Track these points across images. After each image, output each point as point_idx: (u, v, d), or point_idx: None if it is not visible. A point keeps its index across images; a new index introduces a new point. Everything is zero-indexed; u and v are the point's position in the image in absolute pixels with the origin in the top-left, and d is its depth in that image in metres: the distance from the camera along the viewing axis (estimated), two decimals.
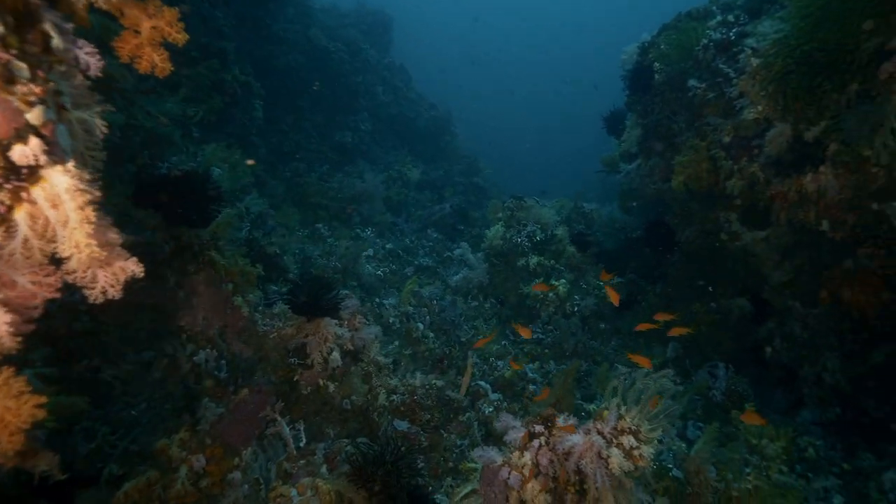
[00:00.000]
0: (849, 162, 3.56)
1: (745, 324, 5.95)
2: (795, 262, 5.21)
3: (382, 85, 13.94)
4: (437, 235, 9.73)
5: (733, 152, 4.41)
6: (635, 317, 6.77)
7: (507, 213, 7.34)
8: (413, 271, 7.98)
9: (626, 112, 6.35)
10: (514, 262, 6.91)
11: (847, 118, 3.29)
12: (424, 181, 12.34)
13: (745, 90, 3.93)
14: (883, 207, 3.72)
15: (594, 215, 8.30)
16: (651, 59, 5.56)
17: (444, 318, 5.83)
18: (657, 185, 5.73)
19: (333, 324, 4.06)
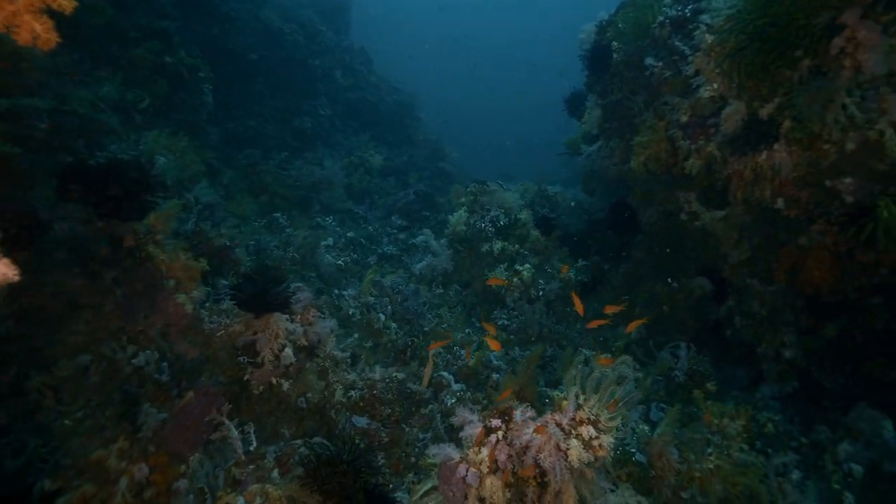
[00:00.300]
0: (802, 139, 3.54)
1: (706, 303, 6.01)
2: (753, 240, 5.25)
3: (342, 68, 13.52)
4: (401, 222, 9.52)
5: (691, 132, 4.36)
6: (600, 299, 6.78)
7: (471, 198, 7.20)
8: (376, 260, 7.78)
9: (587, 93, 6.25)
10: (478, 248, 6.79)
11: (799, 94, 3.25)
12: (388, 167, 12.06)
13: (700, 68, 3.86)
14: (835, 184, 3.73)
15: (558, 198, 8.25)
16: (609, 38, 5.46)
17: (406, 308, 5.68)
18: (618, 166, 5.68)
19: (284, 319, 3.85)
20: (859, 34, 2.92)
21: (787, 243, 4.69)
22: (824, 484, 3.78)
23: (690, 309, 5.96)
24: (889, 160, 3.36)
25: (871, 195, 3.62)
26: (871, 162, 3.50)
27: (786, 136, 3.62)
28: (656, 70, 4.58)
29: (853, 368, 5.89)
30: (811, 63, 3.22)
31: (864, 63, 2.98)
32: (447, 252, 6.81)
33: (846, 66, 3.06)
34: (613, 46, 5.38)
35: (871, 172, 3.56)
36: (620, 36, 5.23)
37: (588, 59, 5.71)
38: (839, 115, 3.18)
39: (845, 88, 3.10)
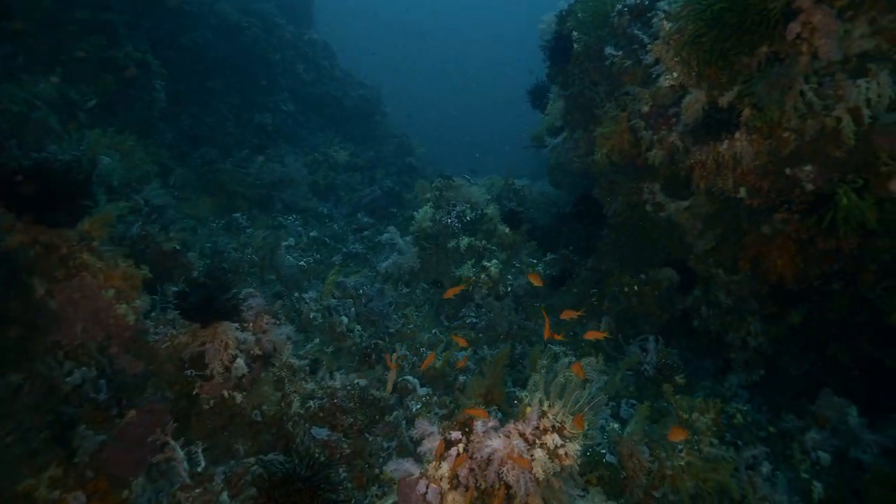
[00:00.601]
0: (762, 127, 3.48)
1: (673, 293, 6.00)
2: (716, 230, 5.24)
3: (304, 63, 13.14)
4: (368, 220, 9.29)
5: (652, 122, 4.29)
6: (569, 293, 6.72)
7: (436, 193, 7.03)
8: (341, 259, 7.55)
9: (549, 84, 6.15)
10: (444, 245, 6.64)
11: (758, 82, 3.18)
12: (354, 163, 11.79)
13: (659, 56, 3.77)
14: (795, 172, 3.70)
15: (526, 192, 8.15)
16: (569, 28, 5.35)
17: (371, 309, 5.49)
18: (582, 158, 5.59)
19: (234, 328, 3.62)
20: (815, 19, 2.86)
21: (751, 232, 4.68)
22: (793, 474, 3.77)
23: (658, 300, 5.94)
24: (846, 147, 3.34)
25: (831, 183, 3.60)
26: (829, 149, 3.47)
27: (746, 125, 3.56)
28: (616, 59, 4.48)
29: (817, 354, 5.97)
30: (769, 49, 3.15)
31: (821, 48, 2.93)
32: (413, 249, 6.64)
33: (803, 51, 3.00)
34: (573, 36, 5.28)
35: (829, 160, 3.53)
36: (580, 25, 5.13)
37: (549, 50, 5.60)
38: (798, 103, 3.13)
39: (803, 75, 3.04)
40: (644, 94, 4.31)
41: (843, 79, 3.19)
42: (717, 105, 3.54)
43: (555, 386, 2.47)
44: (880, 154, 3.29)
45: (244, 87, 11.52)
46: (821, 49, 2.91)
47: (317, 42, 14.08)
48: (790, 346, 5.91)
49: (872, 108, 3.19)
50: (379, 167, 12.17)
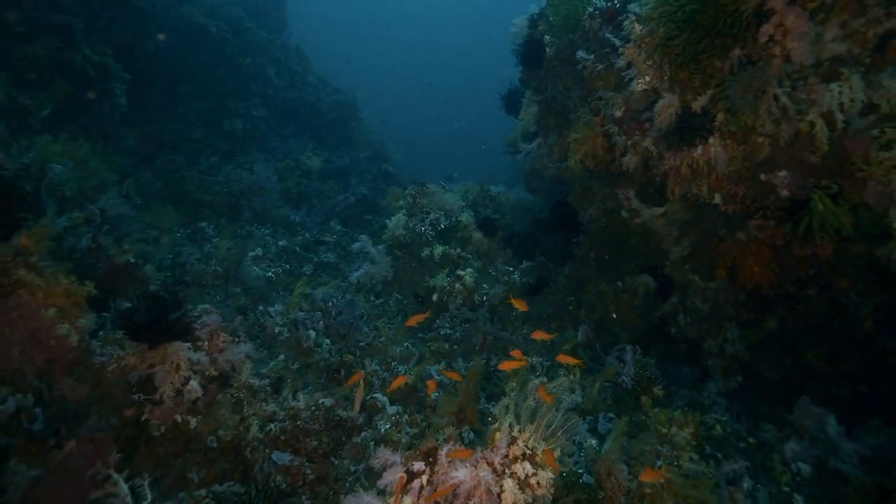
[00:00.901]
0: (736, 132, 3.40)
1: (650, 300, 5.91)
2: (692, 236, 5.18)
3: (276, 67, 12.86)
4: (341, 228, 9.06)
5: (626, 127, 4.18)
6: (546, 301, 6.59)
7: (409, 200, 6.85)
8: (312, 269, 7.30)
9: (523, 89, 6.04)
10: (418, 254, 6.45)
11: (731, 85, 3.09)
12: (328, 170, 11.55)
13: (631, 60, 3.67)
14: (770, 178, 3.63)
15: (502, 198, 8.03)
16: (541, 32, 5.25)
17: (341, 322, 5.26)
18: (556, 164, 5.48)
19: (186, 347, 3.38)
20: (787, 21, 2.77)
21: (726, 239, 4.61)
22: (774, 487, 3.67)
23: (636, 308, 5.85)
24: (820, 152, 3.27)
25: (805, 188, 3.53)
26: (803, 154, 3.40)
27: (720, 130, 3.48)
28: (588, 64, 4.38)
29: (793, 360, 5.95)
30: (742, 52, 3.07)
31: (794, 51, 2.85)
32: (386, 259, 6.44)
33: (776, 54, 2.92)
34: (545, 40, 5.17)
35: (803, 165, 3.47)
36: (552, 29, 5.03)
37: (521, 54, 5.48)
38: (772, 107, 3.04)
39: (776, 78, 2.96)
40: (617, 99, 4.21)
41: (816, 83, 3.12)
42: (691, 110, 3.45)
43: (525, 409, 2.30)
44: (854, 159, 3.23)
45: (213, 92, 11.20)
46: (794, 52, 2.83)
47: (289, 47, 13.81)
48: (767, 353, 5.88)
49: (845, 113, 3.12)
50: (354, 174, 11.95)
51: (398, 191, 6.88)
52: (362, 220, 9.68)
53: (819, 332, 5.70)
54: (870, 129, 3.17)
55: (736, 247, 4.52)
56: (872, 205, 3.30)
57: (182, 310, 3.28)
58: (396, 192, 6.87)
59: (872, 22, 3.03)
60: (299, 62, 13.98)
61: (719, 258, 4.68)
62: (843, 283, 4.96)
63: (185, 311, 3.30)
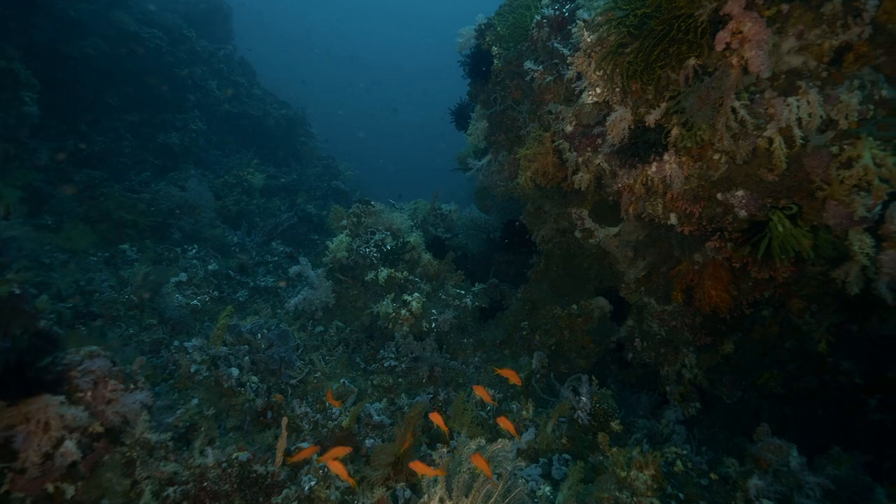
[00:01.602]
0: (692, 148, 3.15)
1: (606, 324, 5.65)
2: (648, 258, 4.96)
3: (218, 79, 12.20)
4: (283, 249, 8.46)
5: (577, 142, 3.91)
6: (499, 326, 6.23)
7: (353, 219, 6.39)
8: (247, 295, 6.69)
9: (472, 103, 5.74)
10: (362, 277, 5.98)
11: (687, 97, 2.83)
12: (273, 186, 10.93)
13: (581, 70, 3.40)
14: (727, 197, 3.40)
15: (453, 217, 7.68)
16: (488, 42, 4.97)
17: (271, 356, 4.71)
18: (507, 182, 5.17)
19: (58, 402, 2.78)
20: (745, 27, 2.54)
21: (683, 260, 4.39)
22: None
23: (591, 332, 5.56)
24: (778, 171, 3.06)
25: (764, 209, 3.32)
26: (761, 173, 3.18)
27: (675, 146, 3.22)
28: (537, 75, 4.10)
29: (749, 382, 5.81)
30: (697, 62, 2.82)
31: (751, 61, 2.62)
32: (326, 283, 5.93)
33: (733, 64, 2.68)
34: (493, 51, 4.89)
35: (761, 184, 3.25)
36: (499, 39, 4.75)
37: (469, 66, 5.19)
38: (730, 121, 2.80)
39: (734, 90, 2.72)
40: (567, 113, 3.93)
41: (774, 97, 2.91)
42: (644, 124, 3.18)
43: (458, 482, 1.88)
44: (813, 178, 3.03)
45: (146, 103, 10.44)
46: (751, 61, 2.60)
47: (233, 59, 13.18)
48: (723, 376, 5.71)
49: (804, 129, 2.92)
50: (301, 191, 11.37)
51: (341, 209, 6.41)
52: (308, 239, 9.12)
53: (774, 354, 5.59)
54: (828, 146, 2.98)
55: (692, 269, 4.31)
56: (832, 226, 3.11)
57: (52, 357, 2.69)
58: (339, 210, 6.39)
59: (828, 34, 2.85)
60: (244, 74, 13.35)
61: (676, 281, 4.46)
62: (797, 304, 4.84)
63: (56, 359, 2.71)
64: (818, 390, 5.52)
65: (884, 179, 2.79)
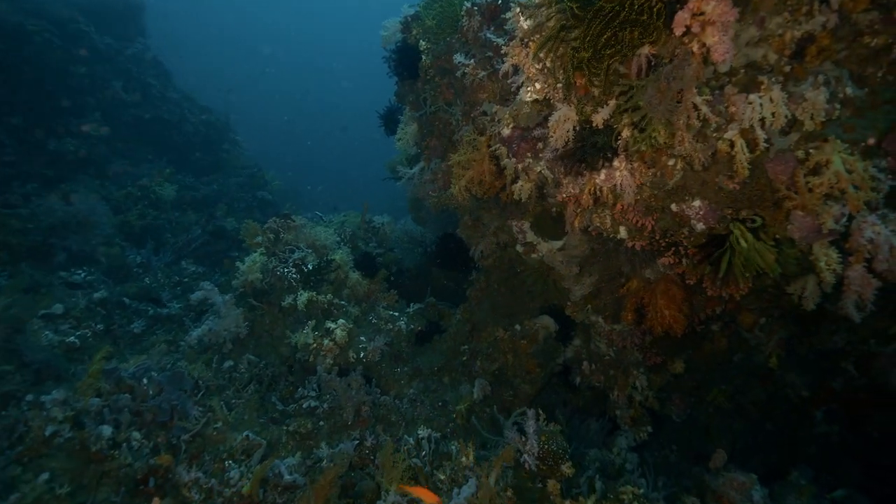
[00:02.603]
0: (645, 153, 2.72)
1: (551, 345, 5.21)
2: (594, 274, 4.55)
3: (124, 80, 10.98)
4: (195, 269, 7.50)
5: (515, 147, 3.42)
6: (437, 350, 5.66)
7: (270, 236, 5.62)
8: (145, 326, 5.74)
9: (400, 105, 5.17)
10: (279, 303, 5.22)
11: (643, 91, 2.39)
12: (189, 198, 9.87)
13: (518, 63, 2.90)
14: (682, 208, 3.00)
15: (387, 230, 7.05)
16: (416, 36, 4.43)
17: (160, 405, 3.88)
18: (440, 192, 4.63)
19: None
20: (708, 7, 2.12)
21: (632, 277, 4.00)
22: None
23: (537, 355, 5.10)
24: (740, 178, 2.68)
25: (724, 221, 2.94)
26: (720, 180, 2.80)
27: (626, 150, 2.78)
28: (469, 70, 3.59)
29: (698, 398, 5.56)
30: (651, 49, 2.38)
31: (715, 48, 2.20)
32: (237, 311, 5.12)
33: (694, 51, 2.26)
34: (421, 46, 4.36)
35: (720, 194, 2.88)
36: (427, 32, 4.22)
37: (395, 63, 4.62)
38: (691, 119, 2.38)
39: (696, 83, 2.30)
40: (504, 114, 3.44)
41: (734, 93, 2.53)
42: (592, 125, 2.72)
43: None
44: (778, 186, 2.68)
45: (34, 105, 9.12)
46: (715, 49, 2.18)
47: (143, 58, 11.95)
48: (671, 394, 5.43)
49: (767, 131, 2.56)
50: (221, 203, 10.35)
51: (254, 225, 5.62)
52: (226, 257, 8.17)
53: (722, 369, 5.36)
54: (793, 149, 2.64)
55: (643, 287, 3.92)
56: (798, 240, 2.77)
57: None
58: (252, 226, 5.61)
59: (791, 23, 2.51)
60: (157, 76, 12.14)
61: (626, 300, 4.06)
62: (747, 318, 4.59)
63: None
64: (766, 404, 5.34)
65: (856, 187, 2.46)
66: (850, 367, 4.81)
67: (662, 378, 5.10)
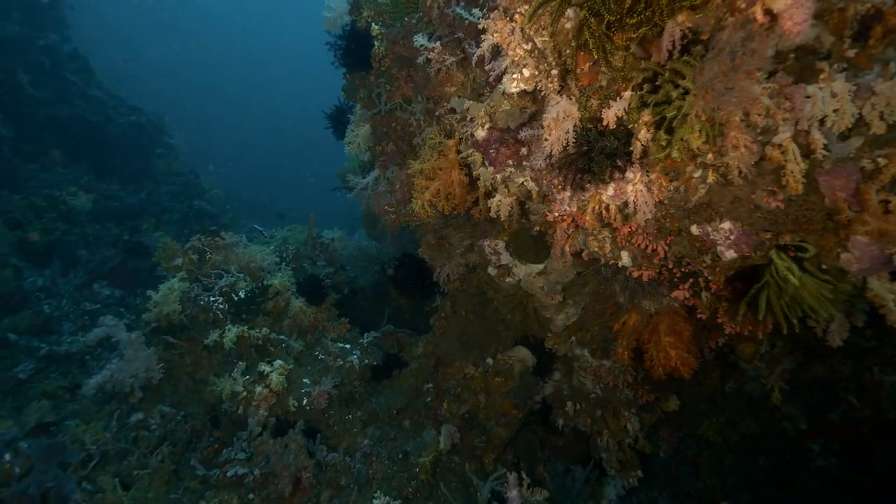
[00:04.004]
0: (670, 160, 2.05)
1: (528, 381, 4.52)
2: (581, 301, 3.90)
3: (34, 73, 9.63)
4: (110, 293, 6.39)
5: (493, 153, 2.71)
6: (397, 388, 4.87)
7: (193, 257, 4.68)
8: (34, 369, 4.66)
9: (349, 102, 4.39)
10: (202, 340, 4.30)
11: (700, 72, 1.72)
12: (111, 209, 8.65)
13: (500, 42, 2.19)
14: (706, 231, 2.37)
15: (337, 246, 6.21)
16: (366, 19, 3.67)
17: (25, 490, 2.91)
18: (399, 207, 3.87)
19: None
20: None
21: (629, 309, 3.36)
22: None
23: (512, 394, 4.39)
24: (793, 193, 2.06)
25: (761, 247, 2.32)
26: (758, 197, 2.18)
27: (643, 157, 2.12)
28: (434, 56, 2.86)
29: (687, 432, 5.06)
30: (690, 19, 1.72)
31: (788, 15, 1.56)
32: (147, 351, 4.16)
33: (756, 17, 1.61)
34: (374, 30, 3.60)
35: (758, 213, 2.26)
36: (381, 14, 3.47)
37: (342, 51, 3.83)
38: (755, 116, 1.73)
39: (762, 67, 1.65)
40: (478, 111, 2.72)
41: (788, 83, 1.91)
42: (601, 124, 2.04)
43: None
44: (837, 204, 2.08)
45: None
46: (789, 16, 1.54)
47: (61, 51, 10.59)
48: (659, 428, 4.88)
49: (826, 133, 1.96)
50: (149, 214, 9.17)
51: (172, 244, 4.67)
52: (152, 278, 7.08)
53: (713, 399, 4.86)
54: (855, 158, 2.05)
55: (643, 321, 3.28)
56: (854, 271, 2.18)
57: None
58: (170, 246, 4.65)
59: None
60: (77, 71, 10.79)
61: (621, 336, 3.41)
62: (747, 349, 4.06)
63: None
64: (759, 436, 4.87)
65: None
66: (852, 398, 4.38)
67: (653, 416, 4.53)
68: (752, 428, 4.83)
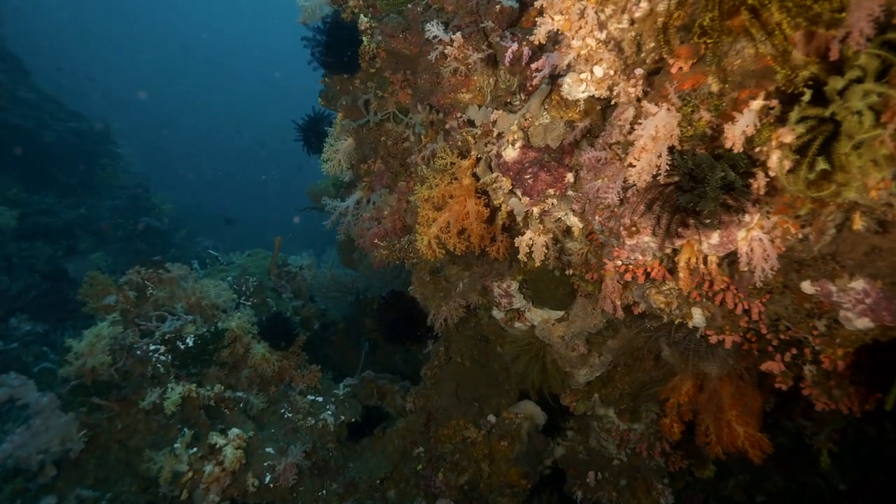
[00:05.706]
0: (815, 196, 1.44)
1: (539, 441, 3.84)
2: (608, 353, 3.26)
3: None
4: (30, 328, 5.36)
5: (529, 179, 2.04)
6: (380, 451, 4.09)
7: (130, 294, 3.81)
8: None
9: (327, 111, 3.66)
10: (137, 402, 3.42)
11: None
12: (39, 226, 7.54)
13: (565, 28, 1.54)
14: (825, 289, 1.76)
15: (307, 275, 5.41)
16: (353, 9, 2.98)
17: None
18: (391, 242, 3.14)
19: None
20: None
21: (683, 371, 2.73)
22: None
23: (520, 460, 3.69)
24: None
25: (894, 313, 1.73)
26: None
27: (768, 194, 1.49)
28: (452, 52, 2.18)
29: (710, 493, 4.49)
30: None
31: None
32: (64, 417, 3.25)
33: None
34: (362, 23, 2.91)
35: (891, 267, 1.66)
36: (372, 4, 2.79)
37: (322, 47, 3.11)
38: None
39: None
40: (509, 125, 2.06)
41: None
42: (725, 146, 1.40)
43: None
44: None
45: None
46: None
47: None
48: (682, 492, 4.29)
49: None
50: (89, 232, 8.08)
51: (103, 278, 3.77)
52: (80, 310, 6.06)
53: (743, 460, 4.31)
54: None
55: (699, 387, 2.67)
56: None
57: None
58: (99, 280, 3.75)
59: None
60: (8, 71, 9.61)
61: (672, 406, 2.77)
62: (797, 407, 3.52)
63: None
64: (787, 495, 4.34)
65: None
66: None
67: (680, 483, 3.92)
68: (779, 484, 4.30)
